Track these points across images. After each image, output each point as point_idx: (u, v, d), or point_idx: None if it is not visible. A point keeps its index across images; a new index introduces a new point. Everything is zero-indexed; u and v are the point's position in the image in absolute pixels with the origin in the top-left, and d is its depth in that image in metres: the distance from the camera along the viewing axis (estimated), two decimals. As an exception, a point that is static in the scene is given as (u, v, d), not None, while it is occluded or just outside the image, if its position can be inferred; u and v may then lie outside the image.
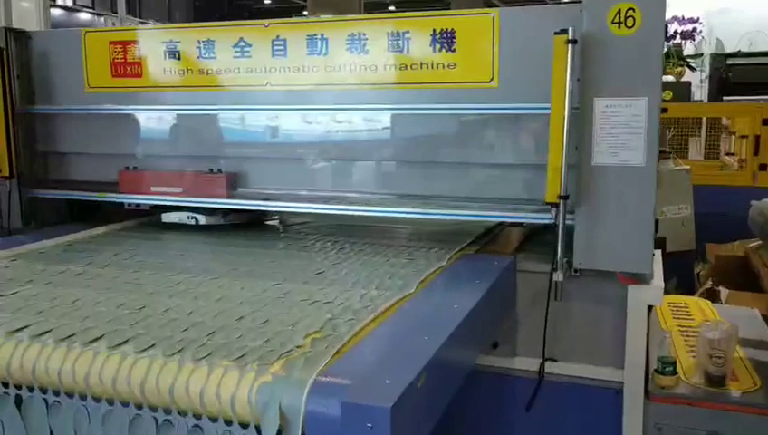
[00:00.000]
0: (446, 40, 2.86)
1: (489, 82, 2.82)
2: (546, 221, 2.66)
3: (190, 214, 3.37)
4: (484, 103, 2.83)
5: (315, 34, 3.04)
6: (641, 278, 2.62)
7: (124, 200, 3.52)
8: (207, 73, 3.24)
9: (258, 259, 2.85)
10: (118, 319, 2.09)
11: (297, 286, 2.45)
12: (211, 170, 3.35)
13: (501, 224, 3.29)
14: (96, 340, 1.91)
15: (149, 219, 3.72)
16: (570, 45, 2.46)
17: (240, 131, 3.47)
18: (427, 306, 2.20)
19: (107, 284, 2.51)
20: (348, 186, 3.26)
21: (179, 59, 3.28)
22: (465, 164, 3.05)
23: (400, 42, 2.93)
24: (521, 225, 3.20)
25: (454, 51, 2.85)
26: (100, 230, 3.48)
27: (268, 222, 3.70)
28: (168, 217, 3.45)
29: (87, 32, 3.44)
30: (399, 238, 3.23)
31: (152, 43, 3.32)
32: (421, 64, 2.91)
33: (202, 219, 3.38)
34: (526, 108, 2.75)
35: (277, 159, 3.37)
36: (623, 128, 2.52)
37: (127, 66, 3.38)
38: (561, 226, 2.57)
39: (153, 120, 3.52)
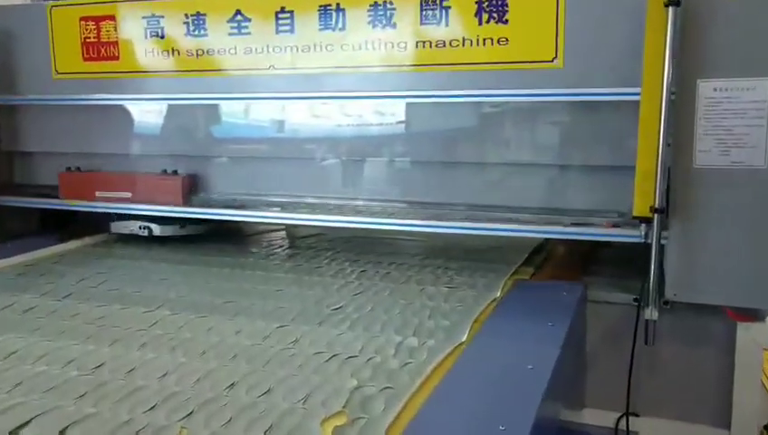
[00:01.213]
0: (495, 9, 2.26)
1: (552, 61, 2.21)
2: (633, 239, 2.06)
3: (142, 223, 2.87)
4: (546, 88, 2.22)
5: (329, 5, 2.44)
6: (756, 314, 2.02)
7: (92, 209, 2.93)
8: (198, 55, 2.64)
9: (260, 287, 2.26)
10: (61, 387, 1.50)
11: (309, 330, 1.85)
12: (165, 171, 2.83)
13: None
14: (20, 428, 1.32)
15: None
16: (670, 9, 1.86)
17: (235, 125, 2.88)
18: (491, 367, 1.59)
19: (62, 325, 1.92)
20: (363, 192, 2.66)
21: (163, 38, 2.68)
22: (518, 165, 2.45)
23: (437, 12, 2.32)
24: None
25: (506, 22, 2.25)
26: (71, 245, 2.91)
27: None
28: (117, 228, 2.94)
29: (53, 6, 2.84)
30: (432, 257, 2.63)
31: (131, 20, 2.72)
32: (464, 41, 2.30)
33: (156, 229, 2.86)
34: (602, 94, 2.14)
35: (283, 160, 2.77)
36: (738, 119, 1.91)
37: (101, 47, 2.79)
38: (655, 247, 1.97)
39: (134, 111, 2.93)
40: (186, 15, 2.62)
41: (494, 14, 2.26)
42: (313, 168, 2.73)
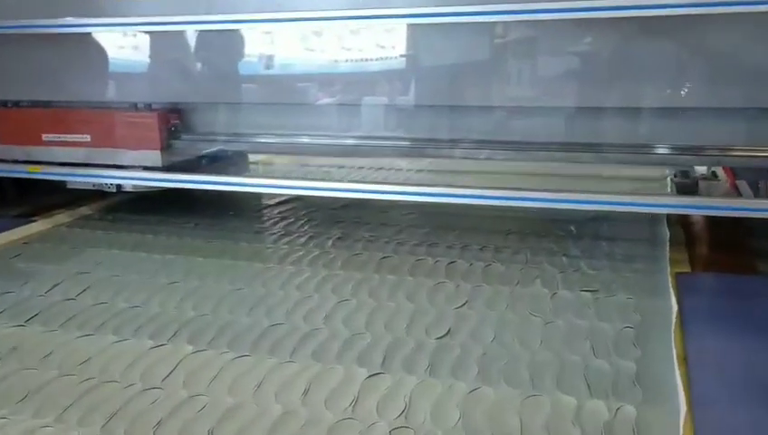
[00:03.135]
0: None
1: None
2: None
3: None
4: None
5: None
6: None
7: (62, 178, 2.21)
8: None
9: (314, 296, 1.55)
10: None
11: (419, 383, 1.18)
12: (135, 106, 2.12)
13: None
14: None
15: (120, 201, 2.43)
16: None
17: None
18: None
19: (28, 385, 1.21)
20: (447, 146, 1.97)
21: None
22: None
23: None
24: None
25: None
26: (39, 226, 2.19)
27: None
28: (75, 183, 2.24)
29: None
30: (532, 235, 1.96)
31: None
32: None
33: (127, 184, 2.19)
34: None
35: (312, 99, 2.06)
36: None
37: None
38: None
39: (125, 44, 2.17)
40: None
41: None
42: (368, 109, 2.02)
